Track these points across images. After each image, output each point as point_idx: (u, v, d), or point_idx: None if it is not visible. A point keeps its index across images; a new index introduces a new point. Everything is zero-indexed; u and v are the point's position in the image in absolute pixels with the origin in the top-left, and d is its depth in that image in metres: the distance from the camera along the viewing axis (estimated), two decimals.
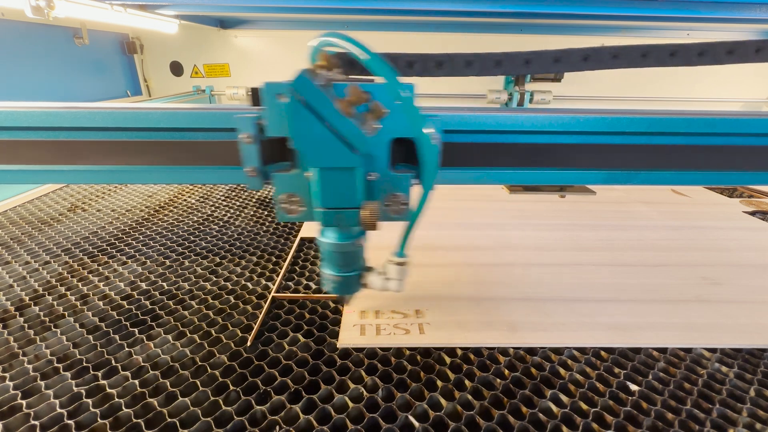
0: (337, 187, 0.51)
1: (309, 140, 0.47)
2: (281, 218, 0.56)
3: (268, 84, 0.47)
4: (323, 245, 0.58)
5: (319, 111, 0.45)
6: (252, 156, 0.51)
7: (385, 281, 0.61)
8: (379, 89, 0.47)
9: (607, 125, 0.56)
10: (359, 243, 0.59)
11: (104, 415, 0.50)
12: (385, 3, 1.60)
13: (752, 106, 2.70)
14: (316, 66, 0.45)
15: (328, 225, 0.55)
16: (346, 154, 0.48)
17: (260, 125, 0.50)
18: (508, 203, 1.24)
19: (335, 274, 0.60)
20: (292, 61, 2.48)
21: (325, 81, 0.45)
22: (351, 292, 0.64)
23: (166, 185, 1.40)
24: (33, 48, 1.61)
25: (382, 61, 0.43)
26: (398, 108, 0.48)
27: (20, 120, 0.53)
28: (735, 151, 0.58)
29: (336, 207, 0.52)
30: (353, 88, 0.44)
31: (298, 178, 0.54)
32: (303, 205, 0.55)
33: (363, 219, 0.52)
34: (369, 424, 0.50)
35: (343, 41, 0.44)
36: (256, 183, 0.53)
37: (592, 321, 0.69)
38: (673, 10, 1.56)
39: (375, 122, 0.46)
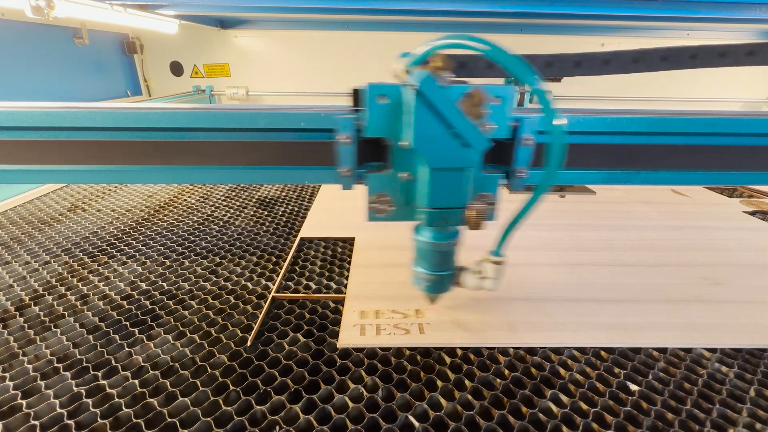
0: (446, 187, 0.52)
1: (430, 140, 0.47)
2: (371, 218, 0.57)
3: (371, 85, 0.48)
4: (420, 243, 0.59)
5: (443, 112, 0.45)
6: (348, 156, 0.52)
7: (480, 280, 0.61)
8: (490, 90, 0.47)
9: (606, 125, 0.56)
10: (455, 242, 0.59)
11: (104, 415, 0.50)
12: (385, 3, 1.60)
13: (752, 106, 2.70)
14: (434, 67, 0.45)
15: (432, 224, 0.55)
16: (464, 154, 0.48)
17: (358, 126, 0.50)
18: (508, 203, 1.24)
19: (430, 273, 0.61)
20: (292, 61, 2.48)
21: (447, 82, 0.45)
22: (443, 291, 0.64)
23: (166, 185, 1.40)
24: (33, 48, 1.61)
25: (518, 58, 0.43)
26: (495, 109, 0.48)
27: (21, 120, 0.53)
28: (735, 151, 0.58)
29: (442, 207, 0.53)
30: (478, 89, 0.44)
31: (392, 179, 0.55)
32: (392, 205, 0.56)
33: (469, 219, 0.52)
34: (369, 424, 0.50)
35: (475, 42, 0.43)
36: (349, 182, 0.54)
37: (592, 321, 0.69)
38: (673, 10, 1.56)
39: (490, 122, 0.47)
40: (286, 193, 1.34)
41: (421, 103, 0.45)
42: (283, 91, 2.55)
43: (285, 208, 1.20)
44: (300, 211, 1.18)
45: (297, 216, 1.14)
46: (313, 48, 2.45)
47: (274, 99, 2.56)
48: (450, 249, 0.60)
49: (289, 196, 1.31)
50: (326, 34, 2.41)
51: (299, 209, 1.19)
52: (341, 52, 2.46)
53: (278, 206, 1.22)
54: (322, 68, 2.49)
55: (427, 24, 2.33)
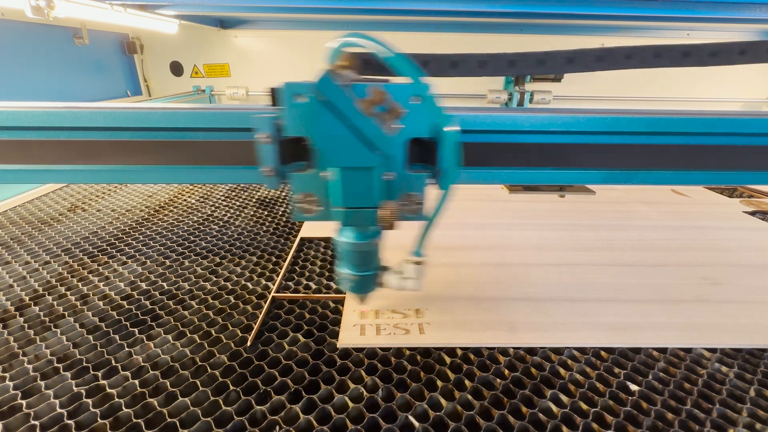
0: (356, 187, 0.51)
1: (330, 140, 0.47)
2: (297, 218, 0.57)
3: (287, 84, 0.47)
4: (340, 245, 0.59)
5: (341, 111, 0.45)
6: (270, 156, 0.51)
7: (402, 280, 0.61)
8: (397, 89, 0.47)
9: (606, 125, 0.56)
10: (376, 242, 0.59)
11: (104, 415, 0.50)
12: (385, 3, 1.60)
13: (752, 106, 2.70)
14: (337, 66, 0.45)
15: (346, 224, 0.55)
16: (366, 154, 0.48)
17: (278, 125, 0.50)
18: (508, 203, 1.24)
19: (352, 273, 0.61)
20: (292, 61, 2.48)
21: (347, 81, 0.45)
22: (367, 291, 0.64)
23: (166, 185, 1.40)
24: (33, 48, 1.61)
25: (407, 59, 0.43)
26: (415, 108, 0.48)
27: (21, 120, 0.53)
28: (734, 151, 0.58)
29: (355, 206, 0.53)
30: (375, 88, 0.44)
31: (315, 178, 0.54)
32: (319, 205, 0.55)
33: (382, 218, 0.52)
34: (369, 424, 0.50)
35: (367, 41, 0.43)
36: (273, 183, 0.53)
37: (592, 321, 0.69)
38: (673, 10, 1.56)
39: (396, 122, 0.46)
40: (286, 193, 1.34)
41: (317, 102, 0.45)
42: None
43: (285, 208, 1.20)
44: None
45: None
46: (313, 48, 2.45)
47: None
48: (370, 249, 0.59)
49: (289, 196, 1.31)
50: (326, 34, 2.41)
51: None
52: None
53: (278, 206, 1.22)
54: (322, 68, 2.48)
55: (427, 24, 2.33)
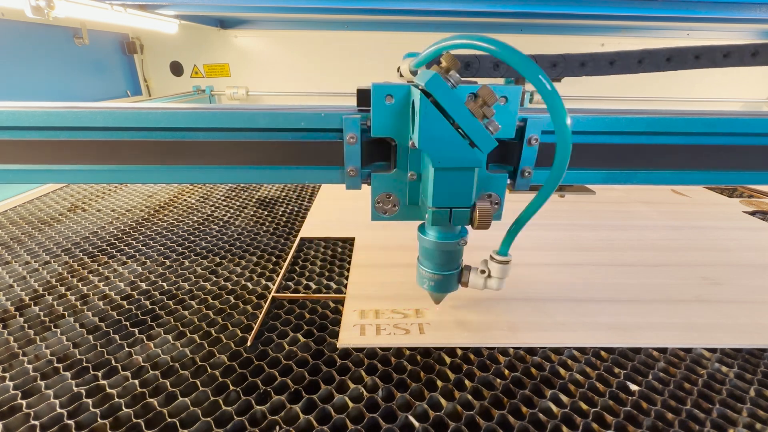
0: (454, 187, 0.51)
1: (437, 140, 0.47)
2: (375, 218, 0.57)
3: (376, 85, 0.48)
4: (424, 242, 0.58)
5: (450, 111, 0.45)
6: (354, 156, 0.52)
7: (485, 280, 0.61)
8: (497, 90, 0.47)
9: (606, 125, 0.56)
10: (463, 242, 0.59)
11: (104, 415, 0.50)
12: (386, 3, 1.60)
13: (752, 106, 2.70)
14: (441, 67, 0.44)
15: (438, 224, 0.55)
16: (471, 154, 0.48)
17: (364, 126, 0.50)
18: (508, 203, 1.24)
19: (435, 272, 0.60)
20: (292, 61, 2.48)
21: (456, 82, 0.45)
22: (448, 290, 0.64)
23: (166, 185, 1.40)
24: (33, 48, 1.61)
25: (525, 57, 0.42)
26: (500, 108, 0.48)
27: (23, 120, 0.53)
28: (733, 151, 0.59)
29: (450, 206, 0.52)
30: (485, 88, 0.44)
31: (396, 179, 0.54)
32: (398, 205, 0.56)
33: (477, 218, 0.52)
34: (369, 424, 0.50)
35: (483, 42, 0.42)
36: (355, 183, 0.54)
37: (592, 321, 0.69)
38: (673, 10, 1.56)
39: (496, 122, 0.46)
40: (286, 193, 1.34)
41: (427, 103, 0.45)
42: (283, 91, 2.55)
43: (285, 208, 1.20)
44: (300, 211, 1.18)
45: (297, 216, 1.14)
46: (313, 48, 2.45)
47: (274, 99, 2.57)
48: (455, 249, 0.59)
49: (289, 196, 1.31)
50: (326, 34, 2.41)
51: (299, 209, 1.19)
52: (341, 52, 2.46)
53: (278, 206, 1.22)
54: (322, 68, 2.49)
55: (427, 24, 2.33)
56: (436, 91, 0.44)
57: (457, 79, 0.45)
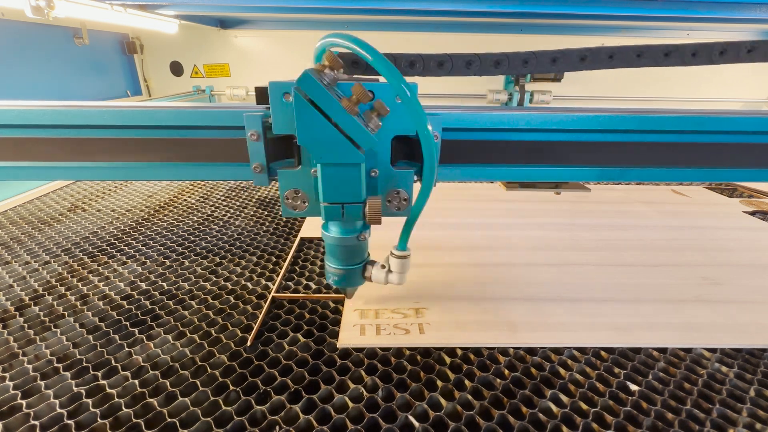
0: (342, 183, 0.52)
1: (315, 137, 0.48)
2: (285, 213, 0.58)
3: (273, 83, 0.48)
4: (327, 239, 0.60)
5: (324, 109, 0.46)
6: (258, 153, 0.52)
7: (387, 274, 0.62)
8: (382, 88, 0.49)
9: (600, 123, 0.56)
10: (362, 237, 0.60)
11: (104, 415, 0.50)
12: (385, 3, 1.60)
13: (752, 106, 2.70)
14: (321, 65, 0.46)
15: (331, 219, 0.56)
16: (350, 151, 0.48)
17: (266, 123, 0.51)
18: (508, 203, 1.24)
19: (338, 267, 0.62)
20: (292, 61, 2.48)
21: (331, 80, 0.46)
22: (353, 284, 0.65)
23: (166, 185, 1.40)
24: (33, 48, 1.61)
25: (385, 60, 0.44)
26: (400, 106, 0.49)
27: (32, 118, 0.54)
28: (725, 149, 0.59)
29: (340, 202, 0.54)
30: (358, 86, 0.45)
31: (303, 175, 0.55)
32: (307, 201, 0.56)
33: (367, 214, 0.53)
34: (369, 424, 0.50)
35: (347, 41, 0.45)
36: (263, 179, 0.54)
37: (592, 321, 0.69)
38: (673, 10, 1.56)
39: (378, 120, 0.47)
40: None
41: (302, 101, 0.46)
42: None
43: None
44: None
45: None
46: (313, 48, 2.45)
47: None
48: (355, 243, 0.60)
49: None
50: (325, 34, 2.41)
51: None
52: None
53: (278, 206, 1.22)
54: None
55: (427, 24, 2.33)
56: (308, 89, 0.45)
57: (333, 78, 0.46)
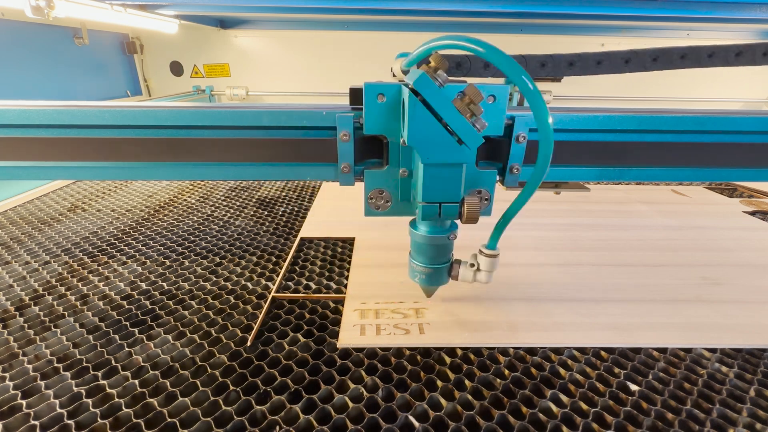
0: (444, 182, 0.53)
1: (425, 137, 0.48)
2: (368, 213, 0.59)
3: (368, 84, 0.49)
4: (415, 237, 0.60)
5: (438, 110, 0.46)
6: (347, 153, 0.53)
7: (474, 273, 0.62)
8: (485, 90, 0.48)
9: (599, 123, 0.57)
10: (453, 236, 0.60)
11: (104, 415, 0.50)
12: (385, 3, 1.60)
13: (752, 106, 2.70)
14: (430, 67, 0.46)
15: (427, 218, 0.56)
16: (459, 151, 0.49)
17: (357, 124, 0.51)
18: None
19: (426, 265, 0.62)
20: (292, 61, 2.48)
21: (444, 81, 0.46)
22: (439, 283, 0.66)
23: (166, 185, 1.40)
24: (33, 48, 1.61)
25: (507, 56, 0.43)
26: (489, 107, 0.50)
27: (32, 118, 0.54)
28: (724, 148, 0.60)
29: (439, 201, 0.54)
30: (471, 87, 0.45)
31: (389, 175, 0.56)
32: (390, 201, 0.57)
33: (465, 213, 0.53)
34: (369, 424, 0.50)
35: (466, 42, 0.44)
36: (349, 179, 0.55)
37: (592, 321, 0.69)
38: (673, 10, 1.56)
39: (483, 120, 0.48)
40: (286, 193, 1.34)
41: (415, 101, 0.46)
42: (282, 91, 2.55)
43: (285, 208, 1.20)
44: (300, 211, 1.18)
45: (297, 216, 1.14)
46: (313, 48, 2.45)
47: (274, 99, 2.57)
48: (445, 242, 0.61)
49: (289, 196, 1.31)
50: (326, 34, 2.41)
51: (299, 209, 1.19)
52: (341, 52, 2.46)
53: (278, 206, 1.22)
54: (322, 68, 2.49)
55: (427, 24, 2.33)
56: (423, 89, 0.45)
57: (444, 78, 0.46)
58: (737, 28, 2.37)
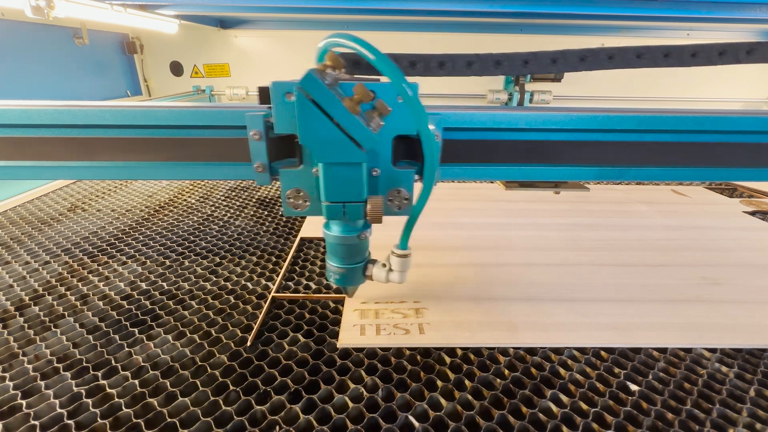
0: (343, 182, 0.52)
1: (316, 137, 0.48)
2: (287, 213, 0.58)
3: (275, 83, 0.49)
4: (328, 237, 0.60)
5: (326, 109, 0.46)
6: (260, 152, 0.53)
7: (388, 273, 0.62)
8: (383, 88, 0.49)
9: (598, 123, 0.57)
10: (363, 236, 0.60)
11: (104, 415, 0.50)
12: (385, 3, 1.60)
13: (752, 106, 2.70)
14: (323, 65, 0.46)
15: (332, 218, 0.56)
16: (352, 150, 0.49)
17: (268, 123, 0.51)
18: (508, 203, 1.24)
19: (339, 265, 0.62)
20: (291, 61, 2.48)
21: (333, 80, 0.46)
22: (354, 283, 0.65)
23: (166, 185, 1.40)
24: (33, 48, 1.61)
25: (388, 60, 0.44)
26: (401, 106, 0.49)
27: (32, 118, 0.54)
28: (723, 148, 0.60)
29: (341, 201, 0.54)
30: (360, 86, 0.45)
31: (305, 174, 0.55)
32: (308, 200, 0.57)
33: (368, 213, 0.53)
34: (369, 424, 0.50)
35: (350, 41, 0.45)
36: (264, 179, 0.55)
37: (592, 321, 0.69)
38: (673, 10, 1.56)
39: (379, 120, 0.47)
40: None
41: (304, 100, 0.46)
42: None
43: None
44: None
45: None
46: (313, 48, 2.45)
47: None
48: (357, 242, 0.60)
49: None
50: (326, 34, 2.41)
51: None
52: None
53: (278, 206, 1.22)
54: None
55: (427, 24, 2.33)
56: (310, 88, 0.45)
57: (334, 77, 0.46)
58: (737, 28, 2.37)
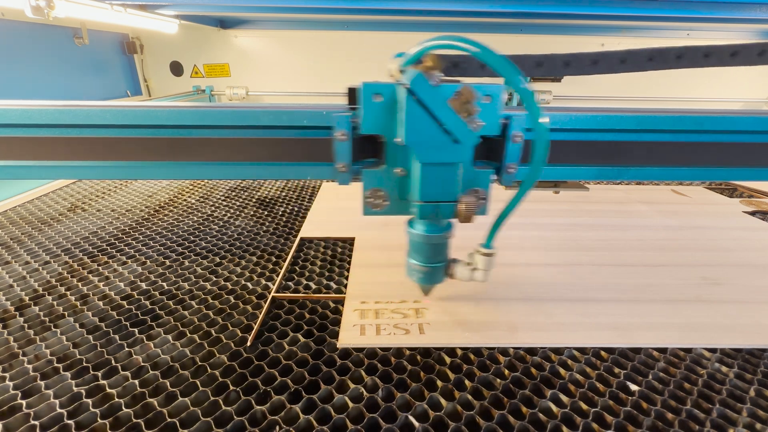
0: (440, 182, 0.53)
1: (422, 137, 0.49)
2: (366, 212, 0.59)
3: (366, 84, 0.50)
4: (412, 236, 0.61)
5: (433, 110, 0.47)
6: (344, 153, 0.53)
7: (471, 272, 0.63)
8: (479, 89, 0.49)
9: (598, 123, 0.57)
10: (448, 235, 0.61)
11: (104, 415, 0.50)
12: (385, 3, 1.60)
13: (752, 106, 2.70)
14: (426, 67, 0.46)
15: (425, 218, 0.57)
16: (454, 150, 0.50)
17: (354, 123, 0.52)
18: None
19: (423, 264, 0.63)
20: (291, 61, 2.48)
21: (437, 81, 0.47)
22: (435, 282, 0.66)
23: (166, 185, 1.40)
24: (33, 48, 1.61)
25: (503, 58, 0.44)
26: (486, 106, 0.50)
27: (32, 117, 0.54)
28: (722, 148, 0.60)
29: (436, 200, 0.55)
30: (466, 88, 0.46)
31: (386, 174, 0.56)
32: (388, 200, 0.57)
33: (461, 212, 0.54)
34: (369, 424, 0.50)
35: (462, 42, 0.44)
36: (346, 178, 0.55)
37: (592, 321, 0.69)
38: (673, 10, 1.56)
39: (479, 120, 0.48)
40: (286, 193, 1.34)
41: (411, 101, 0.46)
42: (282, 91, 2.55)
43: (285, 208, 1.20)
44: (300, 211, 1.18)
45: (297, 216, 1.14)
46: (313, 48, 2.45)
47: (273, 99, 2.56)
48: (442, 241, 0.61)
49: (289, 196, 1.31)
50: (326, 34, 2.41)
51: (299, 209, 1.19)
52: (341, 52, 2.46)
53: (278, 206, 1.22)
54: (322, 68, 2.49)
55: (427, 24, 2.33)
56: (419, 89, 0.46)
57: (439, 78, 0.47)
58: (737, 28, 2.37)
